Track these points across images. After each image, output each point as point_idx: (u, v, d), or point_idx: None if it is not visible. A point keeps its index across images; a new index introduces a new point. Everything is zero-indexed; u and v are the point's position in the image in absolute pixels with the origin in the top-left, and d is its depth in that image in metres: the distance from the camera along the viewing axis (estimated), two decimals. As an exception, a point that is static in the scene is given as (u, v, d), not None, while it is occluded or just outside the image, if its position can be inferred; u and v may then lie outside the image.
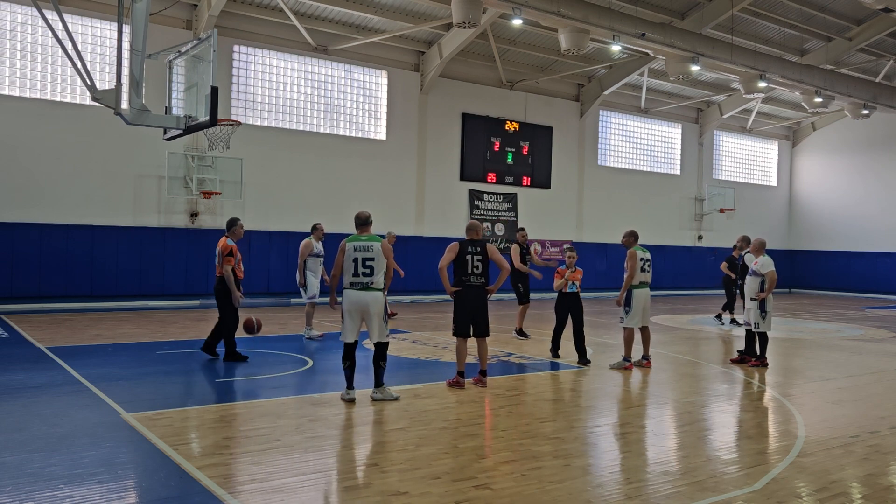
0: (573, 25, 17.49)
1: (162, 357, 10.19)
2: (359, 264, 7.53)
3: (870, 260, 30.35)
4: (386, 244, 7.68)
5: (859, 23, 24.29)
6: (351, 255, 7.57)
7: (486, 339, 8.62)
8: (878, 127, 29.98)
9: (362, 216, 7.78)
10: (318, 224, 12.50)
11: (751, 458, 5.96)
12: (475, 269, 8.41)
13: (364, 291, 7.52)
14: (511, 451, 5.93)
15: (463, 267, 8.39)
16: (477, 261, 8.42)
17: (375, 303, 7.53)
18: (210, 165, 18.71)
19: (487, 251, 8.47)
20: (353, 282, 7.55)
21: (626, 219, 27.82)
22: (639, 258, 9.92)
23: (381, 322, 7.58)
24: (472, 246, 8.44)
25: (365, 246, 7.58)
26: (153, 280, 18.49)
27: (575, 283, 10.53)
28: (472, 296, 8.41)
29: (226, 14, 18.77)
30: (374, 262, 7.54)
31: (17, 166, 16.93)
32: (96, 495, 4.69)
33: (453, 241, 8.57)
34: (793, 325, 17.07)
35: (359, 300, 7.52)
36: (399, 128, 22.53)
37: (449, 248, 8.44)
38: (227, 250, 9.69)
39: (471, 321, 8.42)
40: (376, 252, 7.57)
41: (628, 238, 10.25)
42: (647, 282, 10.03)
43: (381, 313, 7.57)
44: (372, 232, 7.79)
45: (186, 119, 9.46)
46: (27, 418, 6.56)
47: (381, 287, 7.61)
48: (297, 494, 4.84)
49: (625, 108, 27.96)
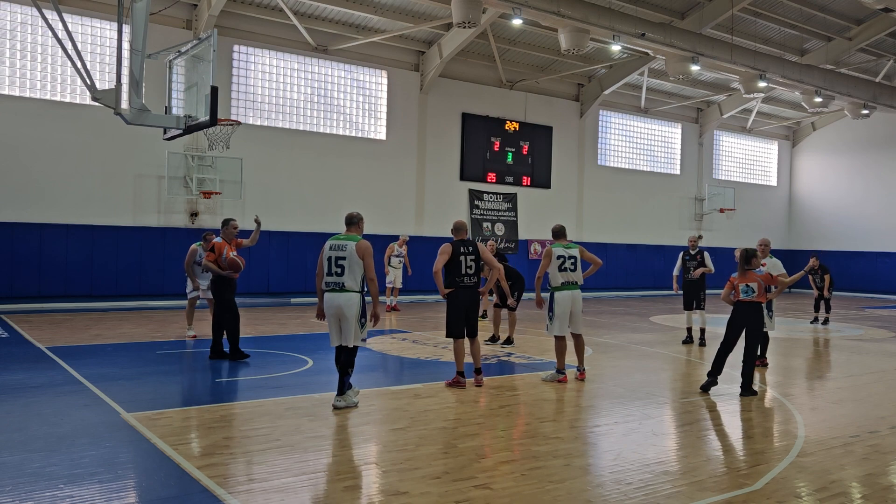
0: (573, 25, 17.49)
1: (162, 357, 10.18)
2: (332, 263, 7.26)
3: (870, 260, 30.34)
4: (364, 244, 7.30)
5: (859, 23, 24.29)
6: (326, 254, 7.34)
7: (477, 339, 8.63)
8: (878, 127, 29.99)
9: (348, 216, 7.56)
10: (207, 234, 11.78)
11: (751, 458, 5.96)
12: (468, 270, 8.38)
13: (337, 293, 7.22)
14: (511, 451, 5.93)
15: (457, 268, 8.33)
16: (470, 261, 8.40)
17: (349, 304, 7.15)
18: (210, 165, 18.71)
19: (479, 251, 8.48)
20: (327, 282, 7.31)
21: (626, 219, 27.87)
22: (556, 256, 8.82)
23: (355, 325, 7.18)
24: (465, 246, 8.40)
25: (339, 245, 7.30)
26: (153, 280, 18.49)
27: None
28: (466, 296, 8.39)
29: (226, 14, 18.77)
30: (345, 262, 7.22)
31: (17, 166, 16.93)
32: (96, 495, 4.69)
33: (444, 243, 8.46)
34: (793, 325, 17.06)
35: (331, 302, 7.23)
36: (399, 128, 22.53)
37: (441, 251, 8.33)
38: (209, 246, 10.12)
39: (465, 322, 8.40)
40: (349, 251, 7.22)
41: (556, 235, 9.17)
42: (571, 282, 8.85)
43: (355, 316, 7.18)
44: (354, 232, 7.48)
45: (186, 119, 9.45)
46: (27, 418, 6.56)
47: (357, 289, 7.23)
48: (297, 494, 4.84)
49: (625, 107, 27.96)
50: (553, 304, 8.82)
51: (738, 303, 8.43)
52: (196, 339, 11.83)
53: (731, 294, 8.46)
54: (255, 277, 19.53)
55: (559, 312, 8.79)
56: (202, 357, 10.16)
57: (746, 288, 8.37)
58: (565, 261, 8.82)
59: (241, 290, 19.84)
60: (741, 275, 8.46)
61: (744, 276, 8.44)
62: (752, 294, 8.36)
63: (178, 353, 10.56)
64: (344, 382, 7.32)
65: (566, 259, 8.83)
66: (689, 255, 12.92)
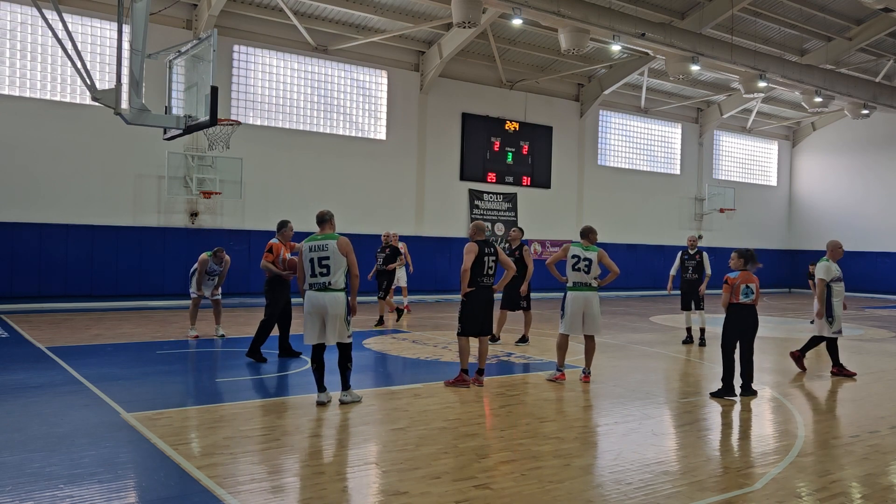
0: (573, 25, 17.49)
1: (162, 357, 10.18)
2: (315, 264, 7.29)
3: (870, 260, 30.33)
4: (343, 241, 7.34)
5: (859, 23, 24.29)
6: (307, 256, 7.35)
7: (486, 339, 8.73)
8: (878, 127, 29.99)
9: (318, 215, 7.56)
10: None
11: (751, 458, 5.96)
12: (489, 270, 8.54)
13: (322, 292, 7.26)
14: (511, 451, 5.93)
15: (479, 268, 8.45)
16: (492, 262, 8.56)
17: (334, 304, 7.22)
18: (210, 165, 18.71)
19: (498, 252, 8.65)
20: (311, 283, 7.33)
21: (626, 219, 27.87)
22: (570, 255, 8.84)
23: (341, 323, 7.25)
24: (487, 247, 8.54)
25: (320, 245, 7.32)
26: (153, 280, 18.49)
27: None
28: (485, 296, 8.53)
29: (226, 14, 18.77)
30: (329, 262, 7.27)
31: (17, 166, 16.93)
32: (96, 495, 4.69)
33: (469, 243, 8.52)
34: (793, 325, 17.06)
35: (316, 301, 7.26)
36: (399, 128, 22.54)
37: (469, 250, 8.43)
38: (267, 247, 10.01)
39: (482, 321, 8.51)
40: (332, 250, 7.27)
41: (590, 235, 9.10)
42: (584, 284, 8.82)
43: (341, 315, 7.24)
44: (329, 230, 7.48)
45: (186, 119, 9.45)
46: (27, 418, 6.56)
47: (341, 287, 7.31)
48: (297, 494, 4.84)
49: (625, 107, 27.96)
50: (565, 302, 8.89)
51: (736, 305, 8.30)
52: (198, 339, 11.84)
53: (731, 296, 8.29)
54: (255, 277, 19.52)
55: (569, 312, 8.83)
56: (202, 357, 10.16)
57: (747, 289, 8.27)
58: (579, 261, 8.82)
59: (241, 290, 19.93)
60: (742, 275, 8.32)
61: (745, 276, 8.31)
62: (751, 296, 8.31)
63: (178, 353, 10.56)
64: (346, 378, 7.45)
65: (580, 260, 8.82)
66: (688, 255, 12.91)
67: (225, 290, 12.83)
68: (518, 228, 12.43)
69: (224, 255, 11.91)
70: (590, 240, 9.00)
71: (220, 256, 11.83)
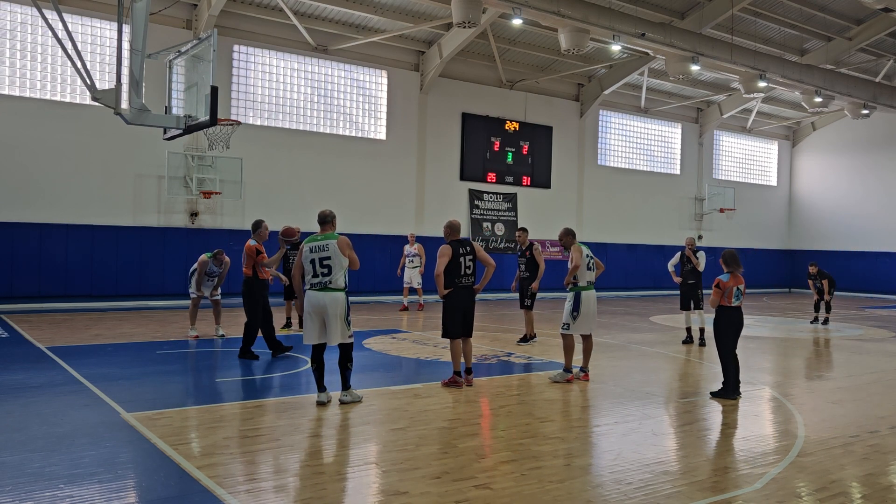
0: (573, 25, 17.49)
1: (162, 357, 10.18)
2: (316, 265, 7.32)
3: (870, 260, 30.34)
4: (343, 240, 7.35)
5: (859, 23, 24.28)
6: (308, 257, 7.36)
7: (470, 339, 8.67)
8: (878, 127, 29.98)
9: (321, 214, 7.58)
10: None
11: (751, 458, 5.96)
12: (467, 270, 8.44)
13: (322, 292, 7.28)
14: (511, 451, 5.93)
15: (456, 269, 8.36)
16: (469, 261, 8.45)
17: (334, 303, 7.26)
18: (210, 165, 18.71)
19: (475, 250, 8.54)
20: (311, 283, 7.35)
21: (626, 219, 27.87)
22: (584, 254, 8.80)
23: (341, 323, 7.28)
24: (462, 247, 8.43)
25: (320, 245, 7.34)
26: (153, 280, 18.48)
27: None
28: (465, 296, 8.44)
29: (226, 14, 18.77)
30: (331, 262, 7.30)
31: (17, 166, 16.93)
32: (96, 495, 4.69)
33: (442, 246, 8.43)
34: (793, 325, 17.07)
35: (317, 301, 7.28)
36: (399, 128, 22.53)
37: (442, 253, 8.33)
38: (252, 251, 10.03)
39: (462, 321, 8.44)
40: (332, 250, 7.30)
41: (566, 237, 9.11)
42: (592, 282, 8.89)
43: (341, 314, 7.27)
44: (329, 230, 7.50)
45: (186, 119, 9.45)
46: (27, 418, 6.56)
47: (342, 287, 7.34)
48: (297, 494, 4.84)
49: (625, 107, 27.96)
50: (579, 303, 8.75)
51: (728, 308, 8.19)
52: (198, 339, 11.84)
53: (724, 299, 8.14)
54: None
55: (585, 312, 8.75)
56: (202, 357, 10.16)
57: (738, 292, 8.17)
58: (591, 260, 8.90)
59: (241, 290, 19.83)
60: (734, 278, 8.19)
61: (735, 278, 8.18)
62: (741, 298, 8.25)
63: (178, 353, 10.56)
64: (347, 377, 7.46)
65: (591, 259, 8.93)
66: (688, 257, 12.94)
67: (224, 290, 12.83)
68: (522, 229, 12.45)
69: (224, 257, 11.93)
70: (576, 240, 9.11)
71: (220, 258, 11.86)
